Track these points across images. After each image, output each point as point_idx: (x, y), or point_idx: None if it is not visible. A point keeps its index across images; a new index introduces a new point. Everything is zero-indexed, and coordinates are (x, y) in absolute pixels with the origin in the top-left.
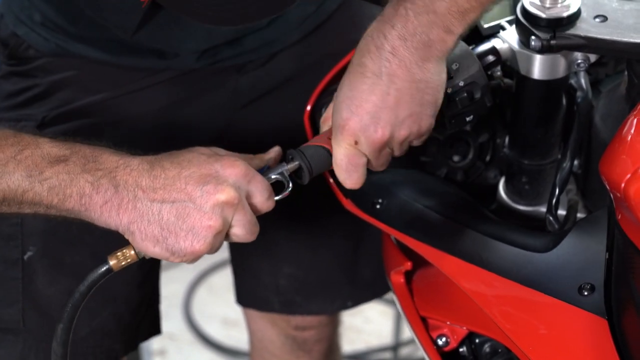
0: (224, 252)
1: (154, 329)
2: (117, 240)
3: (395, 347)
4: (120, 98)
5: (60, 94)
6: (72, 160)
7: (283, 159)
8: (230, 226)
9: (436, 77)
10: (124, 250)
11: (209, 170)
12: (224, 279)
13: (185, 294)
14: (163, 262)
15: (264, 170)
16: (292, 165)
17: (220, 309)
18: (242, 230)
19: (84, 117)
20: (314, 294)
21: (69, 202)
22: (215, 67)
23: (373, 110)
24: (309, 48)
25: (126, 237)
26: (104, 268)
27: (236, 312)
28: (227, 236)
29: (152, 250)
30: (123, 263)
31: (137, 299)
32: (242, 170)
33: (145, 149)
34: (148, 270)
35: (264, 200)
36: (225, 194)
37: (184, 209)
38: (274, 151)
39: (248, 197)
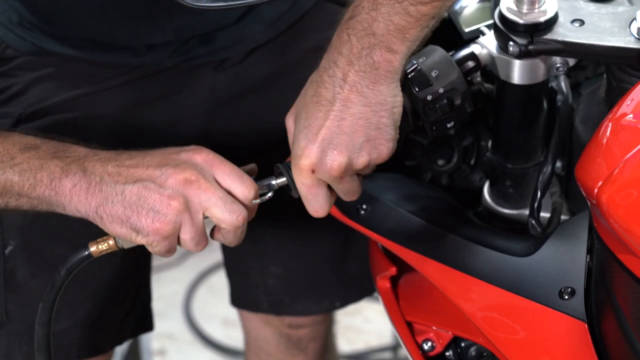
0: None
1: (144, 325)
2: (96, 234)
3: (395, 347)
4: (96, 95)
5: (36, 91)
6: (42, 149)
7: (272, 173)
8: (202, 209)
9: (390, 98)
10: (105, 237)
11: (171, 155)
12: (224, 279)
13: (185, 294)
14: (163, 262)
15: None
16: (280, 181)
17: (220, 309)
18: (217, 209)
19: (60, 113)
20: (302, 294)
21: (39, 188)
22: (189, 64)
23: (329, 136)
24: (286, 46)
25: (96, 223)
26: (84, 253)
27: (236, 312)
28: (217, 236)
29: (119, 231)
30: (102, 248)
31: (121, 292)
32: (204, 155)
33: (122, 146)
34: (132, 264)
35: (237, 182)
36: (182, 173)
37: (145, 189)
38: (249, 167)
39: (221, 182)
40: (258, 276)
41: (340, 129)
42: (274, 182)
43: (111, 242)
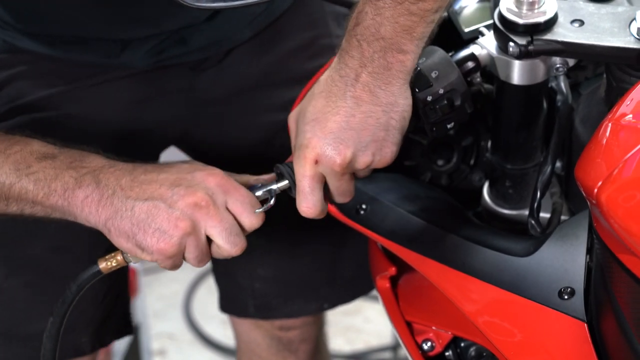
0: None
1: (124, 328)
2: (72, 234)
3: (395, 347)
4: (70, 94)
5: (10, 90)
6: (59, 158)
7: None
8: (206, 234)
9: (401, 100)
10: (113, 254)
11: (185, 175)
12: None
13: (185, 294)
14: None
15: (252, 188)
16: (282, 184)
17: None
18: (220, 239)
19: (33, 112)
20: (290, 296)
21: (53, 197)
22: (164, 65)
23: (337, 130)
24: (265, 46)
25: (105, 234)
26: (94, 270)
27: None
28: (212, 251)
29: (125, 245)
30: (112, 265)
31: (101, 292)
32: (219, 179)
33: (100, 147)
34: None
35: (247, 212)
36: (194, 196)
37: (155, 208)
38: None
39: (231, 209)
40: (245, 279)
41: (349, 124)
42: (274, 186)
43: (119, 257)
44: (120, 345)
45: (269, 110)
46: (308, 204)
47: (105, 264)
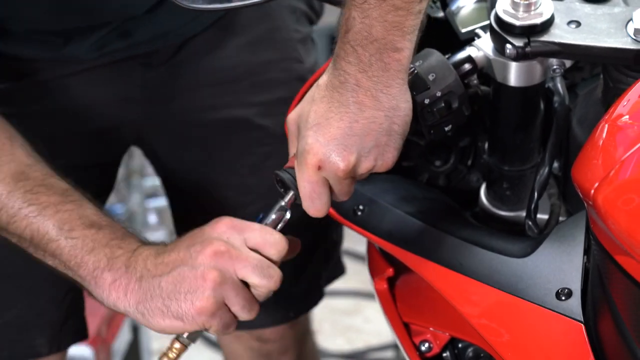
0: None
1: (81, 333)
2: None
3: (395, 346)
4: (21, 92)
5: None
6: (103, 232)
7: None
8: (240, 278)
9: (403, 104)
10: (170, 345)
11: (197, 234)
12: None
13: None
14: None
15: (261, 217)
16: (288, 197)
17: None
18: (254, 276)
19: None
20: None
21: (83, 270)
22: (113, 60)
23: (340, 136)
24: (218, 40)
25: (138, 320)
26: None
27: None
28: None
29: (163, 324)
30: (173, 356)
31: (61, 293)
32: (227, 222)
33: (58, 146)
34: None
35: (268, 242)
36: (210, 246)
37: (179, 274)
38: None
39: (252, 246)
40: None
41: (352, 130)
42: (283, 202)
43: (177, 345)
44: (120, 345)
45: (228, 106)
46: (316, 208)
47: (167, 358)
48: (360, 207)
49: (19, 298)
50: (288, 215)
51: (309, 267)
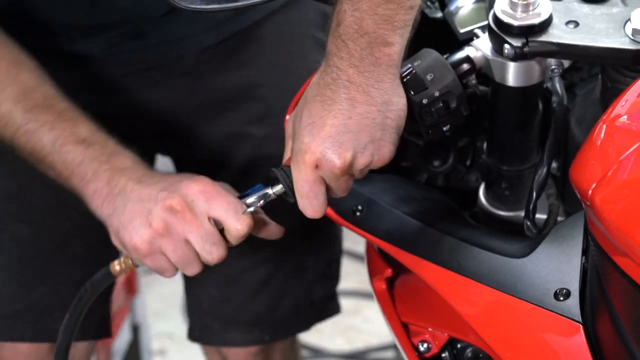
0: None
1: (104, 328)
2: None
3: (394, 346)
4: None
5: None
6: (93, 147)
7: (267, 179)
8: (185, 238)
9: (395, 99)
10: (123, 258)
11: (175, 181)
12: None
13: (185, 294)
14: None
15: (245, 193)
16: (277, 189)
17: None
18: (196, 245)
19: None
20: (231, 322)
21: (73, 180)
22: (123, 60)
23: (335, 134)
24: (235, 55)
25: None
26: (106, 272)
27: None
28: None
29: (115, 241)
30: (121, 268)
31: (83, 282)
32: (202, 186)
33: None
34: (96, 252)
35: (230, 217)
36: (170, 200)
37: (139, 209)
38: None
39: (214, 216)
40: (196, 296)
41: (346, 127)
42: (270, 191)
43: (129, 261)
44: (121, 345)
45: (241, 124)
46: (314, 209)
47: (114, 267)
48: (359, 207)
49: (43, 281)
50: (261, 203)
51: (296, 292)
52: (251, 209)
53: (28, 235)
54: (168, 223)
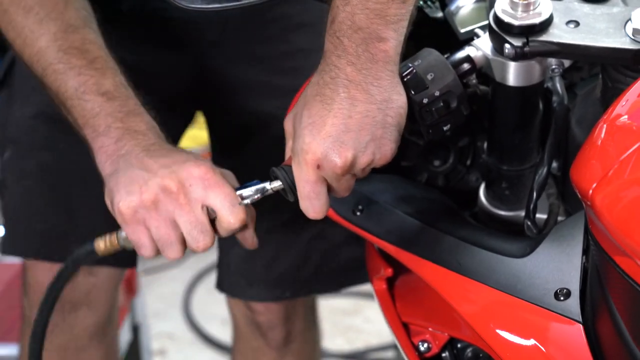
0: None
1: (129, 259)
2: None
3: (395, 346)
4: None
5: None
6: (112, 102)
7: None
8: (170, 219)
9: (395, 96)
10: (109, 235)
11: (180, 160)
12: None
13: (185, 294)
14: (163, 262)
15: (242, 187)
16: (275, 185)
17: (220, 308)
18: (184, 230)
19: None
20: (254, 279)
21: (86, 129)
22: (143, 12)
23: (336, 133)
24: (265, 27)
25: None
26: (89, 249)
27: None
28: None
29: (106, 198)
30: (106, 245)
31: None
32: (203, 173)
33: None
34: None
35: (225, 208)
36: (168, 180)
37: (136, 177)
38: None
39: (209, 204)
40: (225, 255)
41: (347, 126)
42: (268, 186)
43: (114, 240)
44: (120, 345)
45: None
46: (316, 209)
47: (98, 245)
48: (359, 207)
49: (85, 204)
50: (257, 196)
51: (319, 254)
52: (247, 201)
53: (52, 163)
54: (159, 200)
